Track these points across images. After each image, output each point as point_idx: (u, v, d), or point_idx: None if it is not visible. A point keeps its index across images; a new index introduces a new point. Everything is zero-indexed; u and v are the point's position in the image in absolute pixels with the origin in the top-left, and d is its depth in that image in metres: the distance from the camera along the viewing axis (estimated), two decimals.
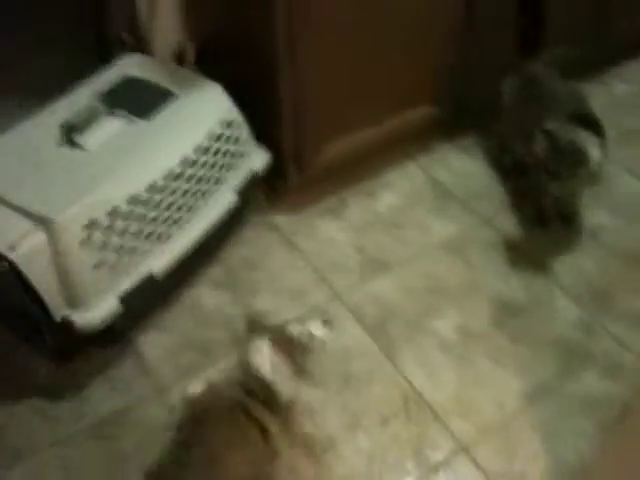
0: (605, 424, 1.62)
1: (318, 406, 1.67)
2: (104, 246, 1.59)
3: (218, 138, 1.80)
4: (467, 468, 1.59)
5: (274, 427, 1.39)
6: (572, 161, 1.80)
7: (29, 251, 1.50)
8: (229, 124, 1.83)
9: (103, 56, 2.04)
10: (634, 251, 2.02)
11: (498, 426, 1.66)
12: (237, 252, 2.06)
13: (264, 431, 1.38)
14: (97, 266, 1.59)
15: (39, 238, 1.51)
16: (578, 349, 1.80)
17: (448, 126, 2.30)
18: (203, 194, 1.80)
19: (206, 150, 1.77)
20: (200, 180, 1.77)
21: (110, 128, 1.72)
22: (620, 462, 1.31)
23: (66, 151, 1.67)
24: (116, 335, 1.79)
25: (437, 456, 1.61)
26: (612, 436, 1.32)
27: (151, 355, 1.82)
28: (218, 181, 1.84)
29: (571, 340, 1.82)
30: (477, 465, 1.59)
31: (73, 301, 1.58)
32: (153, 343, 1.84)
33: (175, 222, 1.74)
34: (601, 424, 1.62)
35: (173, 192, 1.70)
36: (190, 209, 1.77)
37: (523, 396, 1.71)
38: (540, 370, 1.76)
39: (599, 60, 2.53)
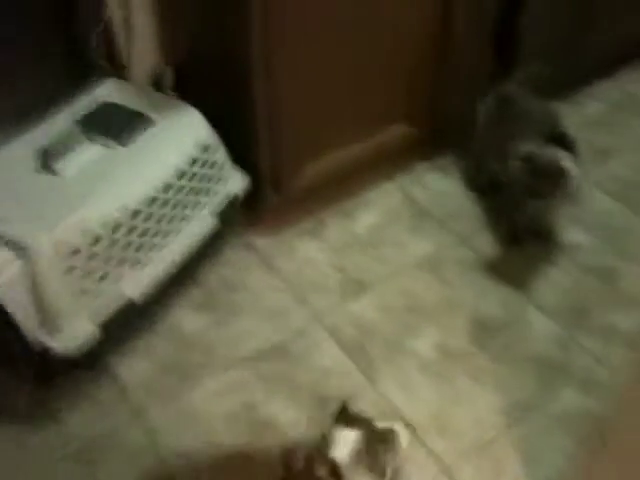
0: (584, 440, 1.64)
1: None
2: (82, 272, 1.58)
3: (196, 163, 1.81)
4: None
5: None
6: (553, 181, 1.83)
7: (7, 280, 1.49)
8: (207, 148, 1.84)
9: (80, 82, 2.04)
10: (608, 268, 2.05)
11: (479, 445, 1.67)
12: (216, 274, 2.06)
13: None
14: (75, 293, 1.58)
15: (16, 266, 1.50)
16: (556, 366, 1.82)
17: (425, 146, 2.32)
18: (182, 219, 1.80)
19: (184, 175, 1.77)
20: (178, 205, 1.78)
21: (88, 154, 1.72)
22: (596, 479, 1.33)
23: (43, 177, 1.67)
24: (94, 360, 1.78)
25: (419, 477, 1.62)
26: (590, 453, 1.34)
27: (129, 379, 1.81)
28: (196, 205, 1.84)
29: (549, 357, 1.84)
30: None
31: (51, 328, 1.58)
32: (132, 367, 1.83)
33: (154, 247, 1.74)
34: (580, 441, 1.64)
35: (152, 218, 1.70)
36: (169, 234, 1.77)
37: (503, 414, 1.73)
38: (519, 388, 1.78)
39: (572, 79, 2.58)
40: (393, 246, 2.14)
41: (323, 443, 1.40)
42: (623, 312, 1.93)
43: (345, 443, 1.38)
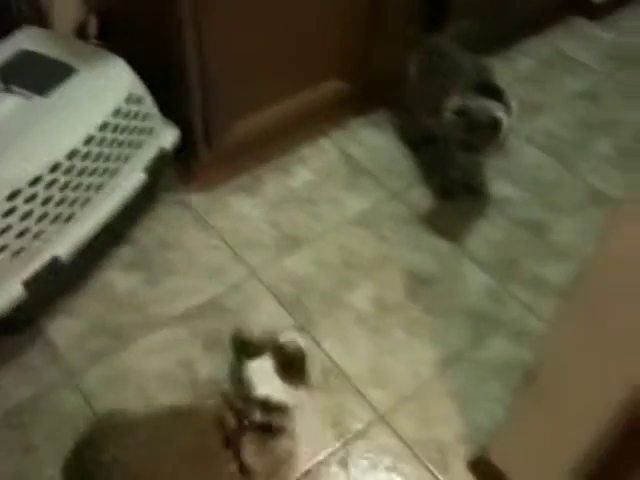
0: (516, 388, 1.69)
1: None
2: (6, 230, 1.51)
3: (123, 114, 1.73)
4: (385, 436, 1.63)
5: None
6: (486, 132, 1.84)
7: None
8: (134, 100, 1.77)
9: None
10: (537, 221, 2.10)
11: (414, 394, 1.70)
12: (149, 232, 2.01)
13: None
14: None
15: None
16: (488, 317, 1.86)
17: (359, 101, 2.31)
18: (110, 173, 1.74)
19: (107, 126, 1.69)
20: (106, 158, 1.71)
21: (6, 105, 1.63)
22: (526, 424, 1.37)
23: None
24: (23, 322, 1.72)
25: (356, 425, 1.64)
26: (518, 399, 1.38)
27: (60, 341, 1.75)
28: (125, 159, 1.77)
29: (481, 308, 1.88)
30: (395, 433, 1.63)
31: None
32: (62, 329, 1.78)
33: (82, 203, 1.68)
34: (512, 388, 1.68)
35: (78, 172, 1.63)
36: (97, 189, 1.71)
37: (437, 364, 1.76)
38: (453, 339, 1.82)
39: (503, 35, 2.61)
40: (329, 202, 2.13)
41: (240, 386, 1.38)
42: (553, 263, 1.98)
43: (262, 376, 1.37)
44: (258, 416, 1.36)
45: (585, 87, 2.55)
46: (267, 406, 1.37)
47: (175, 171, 2.15)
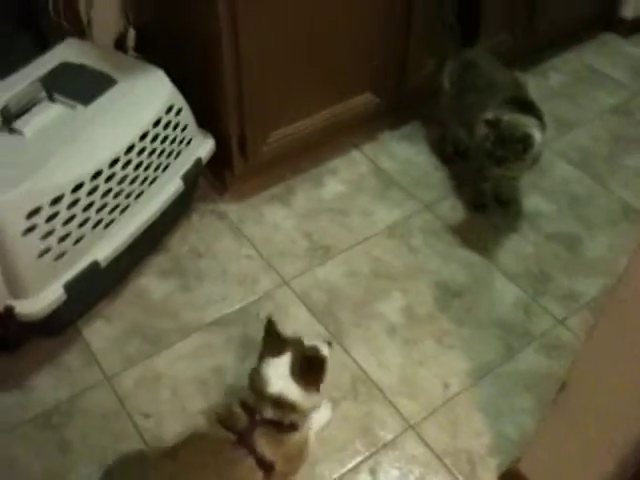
0: (545, 400, 1.68)
1: None
2: (48, 234, 1.55)
3: (163, 125, 1.78)
4: (415, 446, 1.63)
5: None
6: (518, 146, 1.84)
7: None
8: (171, 109, 1.81)
9: (42, 43, 1.99)
10: (569, 235, 2.10)
11: (443, 405, 1.71)
12: (184, 240, 2.05)
13: None
14: (41, 255, 1.55)
15: None
16: (519, 329, 1.87)
17: (391, 115, 2.34)
18: (148, 181, 1.78)
19: (147, 135, 1.74)
20: (146, 167, 1.75)
21: (49, 113, 1.68)
22: (556, 435, 1.37)
23: (4, 137, 1.62)
24: (61, 324, 1.76)
25: (386, 435, 1.65)
26: (549, 411, 1.38)
27: (97, 344, 1.79)
28: (163, 168, 1.82)
29: (512, 320, 1.88)
30: (425, 443, 1.64)
31: (16, 290, 1.55)
32: (99, 332, 1.82)
33: (120, 210, 1.72)
34: (541, 401, 1.68)
35: (114, 178, 1.67)
36: (136, 196, 1.75)
37: (468, 376, 1.77)
38: (483, 351, 1.82)
39: (535, 51, 2.62)
40: (360, 213, 2.15)
41: (257, 378, 1.41)
42: (584, 278, 1.98)
43: (279, 374, 1.40)
44: (270, 413, 1.39)
45: (616, 102, 2.55)
46: (279, 403, 1.40)
47: (209, 181, 2.19)
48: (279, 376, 1.41)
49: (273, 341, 1.47)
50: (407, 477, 1.58)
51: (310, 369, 1.43)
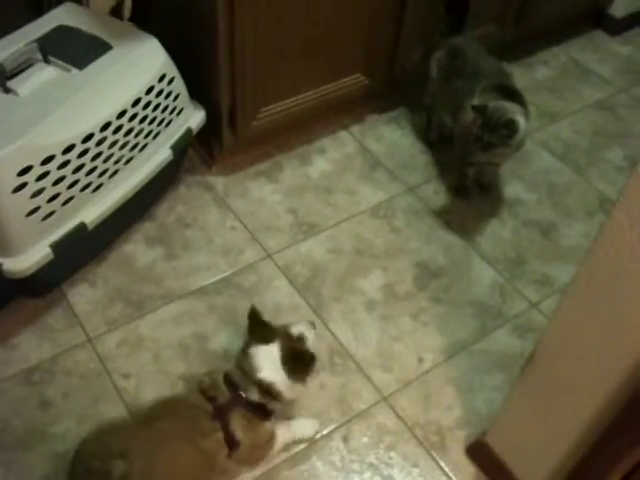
0: (515, 380, 1.74)
1: None
2: (37, 193, 1.58)
3: (155, 92, 1.80)
4: (387, 416, 1.68)
5: None
6: (504, 131, 1.89)
7: None
8: (165, 79, 1.83)
9: (38, 6, 2.00)
10: (546, 222, 2.16)
11: (417, 379, 1.76)
12: (171, 210, 2.08)
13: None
14: (29, 213, 1.57)
15: None
16: (493, 310, 1.92)
17: (380, 98, 2.38)
18: (138, 148, 1.80)
19: (143, 103, 1.76)
20: (136, 134, 1.78)
21: (43, 74, 1.69)
22: (521, 408, 1.42)
23: None
24: (47, 285, 1.79)
25: (359, 405, 1.70)
26: (516, 384, 1.43)
27: (81, 306, 1.82)
28: (153, 136, 1.84)
29: (487, 301, 1.94)
30: (396, 414, 1.69)
31: (4, 247, 1.57)
32: (83, 295, 1.85)
33: (110, 174, 1.74)
34: (511, 379, 1.73)
35: (104, 142, 1.69)
36: (125, 162, 1.77)
37: (441, 352, 1.82)
38: (458, 329, 1.87)
39: (524, 43, 2.67)
40: (345, 192, 2.20)
41: (247, 361, 1.46)
42: (559, 264, 2.04)
43: (269, 362, 1.45)
44: (255, 395, 1.44)
45: (600, 98, 2.61)
46: (266, 390, 1.44)
47: (198, 153, 2.22)
48: (270, 364, 1.45)
49: (260, 328, 1.51)
50: (377, 445, 1.64)
51: (299, 363, 1.48)
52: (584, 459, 1.28)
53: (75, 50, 1.77)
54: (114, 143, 1.72)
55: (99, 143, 1.68)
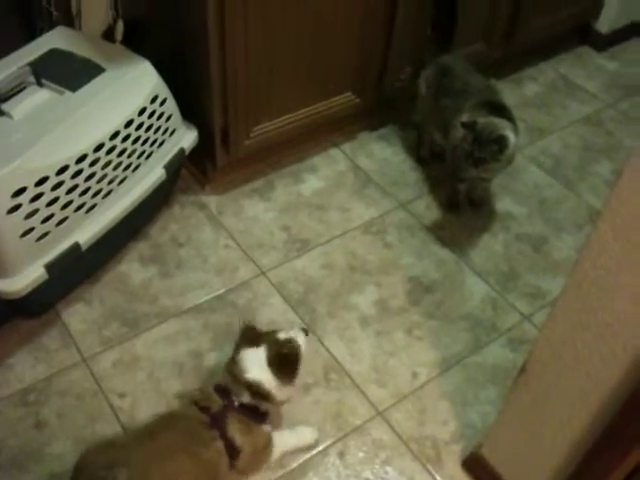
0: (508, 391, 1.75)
1: None
2: (32, 214, 1.59)
3: (147, 113, 1.82)
4: (382, 431, 1.69)
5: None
6: (494, 147, 1.91)
7: None
8: (157, 100, 1.85)
9: (31, 30, 2.03)
10: (536, 236, 2.18)
11: (412, 394, 1.77)
12: (165, 229, 2.09)
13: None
14: (24, 234, 1.59)
15: None
16: (486, 323, 1.93)
17: (370, 116, 2.41)
18: (131, 168, 1.82)
19: (135, 124, 1.78)
20: (129, 154, 1.79)
21: (37, 97, 1.71)
22: (516, 419, 1.43)
23: None
24: (41, 305, 1.80)
25: (355, 420, 1.71)
26: (509, 396, 1.44)
27: (76, 326, 1.83)
28: (146, 156, 1.86)
29: (480, 315, 1.95)
30: (392, 428, 1.69)
31: None
32: (78, 315, 1.85)
33: (103, 194, 1.76)
34: (505, 392, 1.74)
35: (98, 163, 1.71)
36: (118, 182, 1.79)
37: (436, 367, 1.83)
38: (452, 343, 1.89)
39: (512, 60, 2.71)
40: (337, 209, 2.21)
41: (235, 364, 1.48)
42: (550, 277, 2.06)
43: (255, 363, 1.47)
44: (246, 397, 1.46)
45: (588, 113, 2.64)
46: (255, 391, 1.46)
47: (191, 173, 2.24)
48: (256, 364, 1.47)
49: (249, 335, 1.53)
50: (373, 460, 1.64)
51: (285, 363, 1.49)
52: (579, 468, 1.29)
53: (68, 73, 1.79)
54: (107, 164, 1.74)
55: (92, 164, 1.69)
